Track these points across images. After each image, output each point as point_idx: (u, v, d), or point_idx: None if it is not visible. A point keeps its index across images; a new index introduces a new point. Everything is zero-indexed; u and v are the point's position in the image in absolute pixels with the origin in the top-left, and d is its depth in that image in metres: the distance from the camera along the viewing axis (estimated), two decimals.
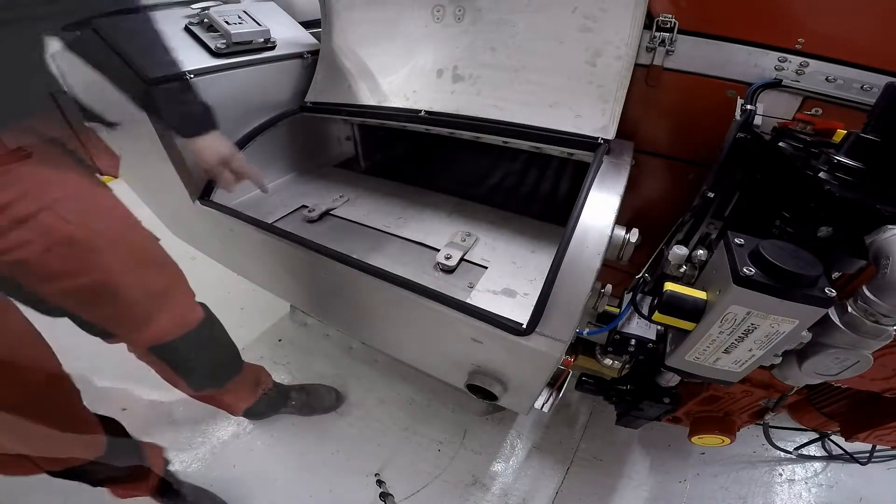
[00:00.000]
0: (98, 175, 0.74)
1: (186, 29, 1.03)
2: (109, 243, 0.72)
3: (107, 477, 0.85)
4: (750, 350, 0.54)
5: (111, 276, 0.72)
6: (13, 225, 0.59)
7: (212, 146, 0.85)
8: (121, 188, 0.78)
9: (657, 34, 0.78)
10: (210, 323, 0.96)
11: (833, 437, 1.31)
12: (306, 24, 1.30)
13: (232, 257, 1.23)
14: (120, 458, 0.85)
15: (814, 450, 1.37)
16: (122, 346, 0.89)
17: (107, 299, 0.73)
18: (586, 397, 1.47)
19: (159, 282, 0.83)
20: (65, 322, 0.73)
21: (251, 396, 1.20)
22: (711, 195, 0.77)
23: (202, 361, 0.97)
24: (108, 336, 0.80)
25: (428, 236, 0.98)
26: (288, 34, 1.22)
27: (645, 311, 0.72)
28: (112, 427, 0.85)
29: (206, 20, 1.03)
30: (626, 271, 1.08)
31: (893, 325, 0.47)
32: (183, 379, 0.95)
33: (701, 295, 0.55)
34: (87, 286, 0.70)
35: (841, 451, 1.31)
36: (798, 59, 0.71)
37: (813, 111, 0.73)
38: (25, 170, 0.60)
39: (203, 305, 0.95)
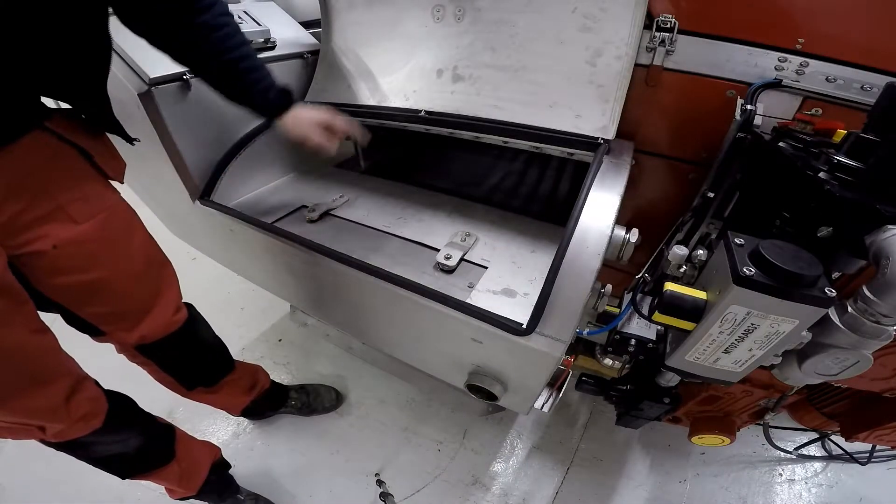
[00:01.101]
0: (107, 179, 0.76)
1: None
2: (112, 245, 0.74)
3: (115, 456, 0.84)
4: (750, 350, 0.54)
5: (110, 275, 0.74)
6: (31, 222, 0.62)
7: (298, 115, 0.87)
8: (121, 188, 0.79)
9: (657, 34, 0.78)
10: (194, 323, 0.96)
11: (833, 437, 1.31)
12: (306, 24, 1.30)
13: (232, 257, 1.23)
14: (126, 436, 0.84)
15: (814, 450, 1.37)
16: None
17: (103, 298, 0.75)
18: (586, 397, 1.47)
19: (152, 284, 0.84)
20: (60, 327, 0.73)
21: (247, 396, 1.20)
22: (711, 195, 0.77)
23: (189, 361, 0.98)
24: (96, 333, 0.80)
25: (428, 236, 0.98)
26: (288, 34, 1.22)
27: (645, 311, 0.72)
28: (120, 403, 0.85)
29: None
30: (626, 271, 1.08)
31: (893, 325, 0.47)
32: (173, 378, 0.96)
33: (701, 295, 0.55)
34: (87, 283, 0.72)
35: (841, 451, 1.31)
36: (798, 59, 0.71)
37: (813, 111, 0.73)
38: (46, 172, 0.63)
39: (188, 306, 0.96)
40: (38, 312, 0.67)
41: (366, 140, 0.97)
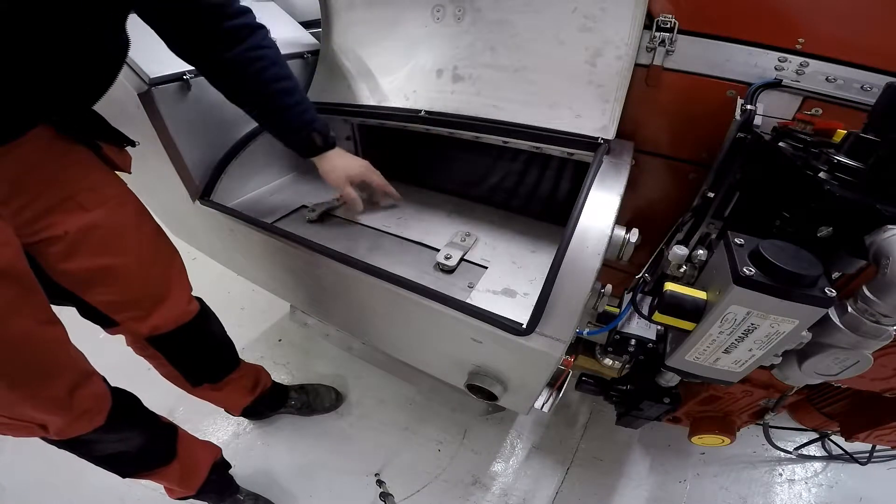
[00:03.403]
0: (114, 170, 0.77)
1: None
2: (122, 232, 0.75)
3: (117, 455, 0.84)
4: (750, 350, 0.54)
5: (120, 262, 0.75)
6: (42, 213, 0.64)
7: (334, 164, 0.92)
8: None
9: (657, 34, 0.78)
10: (205, 317, 0.97)
11: (833, 437, 1.31)
12: (306, 24, 1.30)
13: (232, 257, 1.23)
14: (129, 434, 0.84)
15: (814, 450, 1.37)
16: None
17: (114, 284, 0.76)
18: (586, 397, 1.47)
19: (163, 272, 0.85)
20: (68, 324, 0.73)
21: (250, 395, 1.21)
22: (711, 195, 0.77)
23: (198, 355, 0.98)
24: (109, 324, 0.81)
25: (428, 236, 0.98)
26: (288, 34, 1.22)
27: (645, 311, 0.72)
28: (124, 401, 0.85)
29: None
30: (626, 271, 1.08)
31: (893, 325, 0.47)
32: (180, 373, 0.96)
33: (701, 295, 0.55)
34: (98, 269, 0.73)
35: (841, 451, 1.31)
36: (798, 59, 0.71)
37: (813, 111, 0.73)
38: (55, 164, 0.65)
39: (199, 300, 0.96)
40: (52, 306, 0.67)
41: (396, 199, 1.04)
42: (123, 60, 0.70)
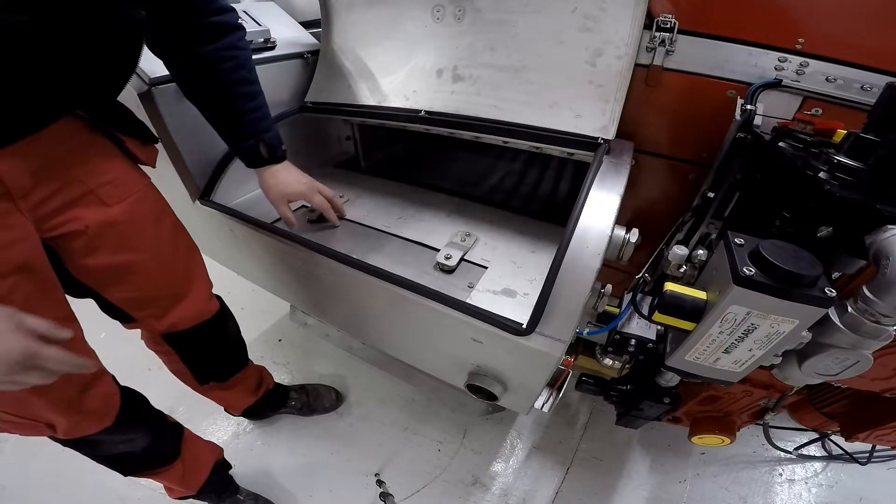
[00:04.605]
0: (138, 164, 0.76)
1: None
2: (142, 228, 0.74)
3: (122, 455, 0.84)
4: (750, 350, 0.54)
5: (140, 259, 0.74)
6: (62, 207, 0.63)
7: (275, 181, 0.90)
8: None
9: (657, 34, 0.78)
10: (224, 316, 0.97)
11: (833, 437, 1.31)
12: (306, 24, 1.30)
13: (232, 257, 1.23)
14: (136, 435, 0.84)
15: (814, 450, 1.37)
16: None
17: (133, 281, 0.75)
18: (586, 397, 1.47)
19: (183, 270, 0.84)
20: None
21: (253, 395, 1.21)
22: (711, 195, 0.77)
23: (211, 354, 0.98)
24: (127, 320, 0.81)
25: (428, 236, 0.98)
26: (288, 34, 1.22)
27: (645, 311, 0.72)
28: (133, 401, 0.84)
29: None
30: (626, 271, 1.08)
31: (893, 325, 0.47)
32: (190, 370, 0.96)
33: (701, 295, 0.55)
34: (118, 266, 0.72)
35: (841, 451, 1.31)
36: (798, 59, 0.71)
37: (813, 111, 0.73)
38: (76, 157, 0.64)
39: (219, 298, 0.96)
40: (72, 299, 0.68)
41: (334, 223, 1.00)
42: (141, 41, 0.68)
